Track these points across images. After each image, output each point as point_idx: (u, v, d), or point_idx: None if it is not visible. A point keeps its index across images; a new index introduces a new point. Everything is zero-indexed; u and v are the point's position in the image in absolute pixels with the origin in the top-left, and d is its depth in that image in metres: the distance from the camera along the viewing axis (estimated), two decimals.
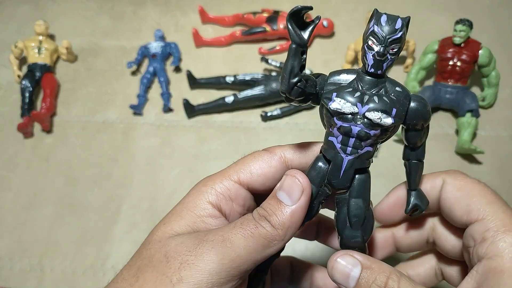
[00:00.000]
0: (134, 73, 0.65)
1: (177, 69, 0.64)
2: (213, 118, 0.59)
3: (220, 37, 0.66)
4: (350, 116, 0.20)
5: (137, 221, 0.50)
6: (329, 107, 0.21)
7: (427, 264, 0.27)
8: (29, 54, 0.63)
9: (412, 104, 0.21)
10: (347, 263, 0.21)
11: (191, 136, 0.57)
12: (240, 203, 0.23)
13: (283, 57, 0.63)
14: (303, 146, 0.24)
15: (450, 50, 0.52)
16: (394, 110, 0.20)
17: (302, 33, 0.19)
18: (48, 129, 0.59)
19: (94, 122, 0.60)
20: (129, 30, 0.70)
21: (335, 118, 0.21)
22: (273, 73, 0.59)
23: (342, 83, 0.21)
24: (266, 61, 0.60)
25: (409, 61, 0.58)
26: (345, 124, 0.20)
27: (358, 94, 0.20)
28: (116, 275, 0.22)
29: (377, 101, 0.20)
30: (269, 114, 0.57)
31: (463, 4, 0.66)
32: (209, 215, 0.22)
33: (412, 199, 0.23)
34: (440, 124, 0.54)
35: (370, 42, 0.20)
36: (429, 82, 0.55)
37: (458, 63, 0.51)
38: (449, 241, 0.24)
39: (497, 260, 0.19)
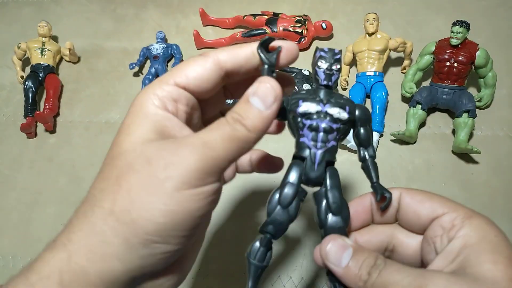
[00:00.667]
0: (136, 74, 0.66)
1: None
2: None
3: (221, 38, 0.66)
4: (315, 115, 0.25)
5: None
6: (298, 111, 0.26)
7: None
8: (32, 55, 0.64)
9: (357, 108, 0.27)
10: (339, 245, 0.24)
11: None
12: (183, 102, 0.24)
13: None
14: (236, 47, 0.25)
15: (447, 51, 0.53)
16: (347, 108, 0.26)
17: (270, 56, 0.24)
18: (51, 129, 0.60)
19: (96, 123, 0.61)
20: (131, 32, 0.71)
21: (303, 119, 0.26)
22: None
23: (303, 94, 0.26)
24: None
25: (406, 62, 0.59)
26: (313, 122, 0.25)
27: (318, 98, 0.26)
28: (89, 191, 0.23)
29: (333, 101, 0.26)
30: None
31: (460, 5, 0.67)
32: (162, 118, 0.23)
33: (378, 189, 0.26)
34: (437, 124, 0.55)
35: (319, 64, 0.26)
36: (426, 83, 0.56)
37: (455, 64, 0.52)
38: (410, 246, 0.26)
39: (468, 238, 0.22)
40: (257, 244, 0.26)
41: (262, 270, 0.26)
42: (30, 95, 0.61)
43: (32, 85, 0.62)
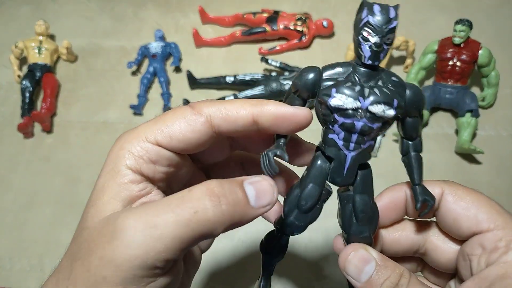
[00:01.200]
0: (134, 73, 0.65)
1: (177, 69, 0.64)
2: None
3: (220, 37, 0.66)
4: (351, 111, 0.20)
5: None
6: (330, 104, 0.20)
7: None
8: (30, 54, 0.64)
9: (408, 93, 0.21)
10: (362, 257, 0.21)
11: None
12: (163, 163, 0.21)
13: (283, 57, 0.64)
14: (232, 107, 0.21)
15: (450, 50, 0.52)
16: (396, 101, 0.20)
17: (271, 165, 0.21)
18: (48, 129, 0.60)
19: (94, 122, 0.60)
20: (130, 31, 0.71)
21: (335, 115, 0.20)
22: (273, 73, 0.59)
23: (338, 78, 0.20)
24: (266, 61, 0.60)
25: (409, 61, 0.58)
26: (348, 120, 0.20)
27: (358, 88, 0.20)
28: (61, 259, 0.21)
29: (378, 94, 0.20)
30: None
31: (463, 4, 0.66)
32: (131, 181, 0.20)
33: (419, 194, 0.22)
34: (440, 124, 0.54)
35: (365, 33, 0.20)
36: (429, 82, 0.55)
37: (458, 63, 0.51)
38: (445, 253, 0.23)
39: (507, 267, 0.19)
40: (272, 238, 0.23)
41: (275, 263, 0.24)
42: (27, 94, 0.61)
43: (29, 85, 0.61)
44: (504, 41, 0.61)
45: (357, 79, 0.20)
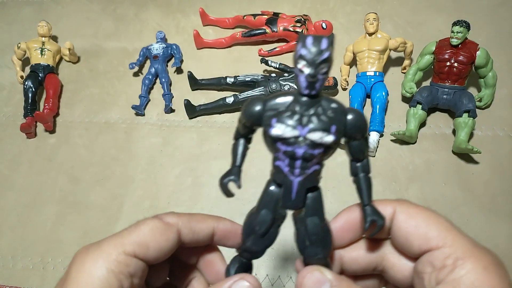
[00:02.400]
0: (136, 74, 0.66)
1: (179, 70, 0.65)
2: (214, 119, 0.59)
3: (221, 38, 0.66)
4: (292, 139, 0.21)
5: (139, 219, 0.51)
6: (271, 134, 0.21)
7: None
8: (32, 55, 0.64)
9: (349, 118, 0.21)
10: (316, 279, 0.21)
11: (192, 136, 0.58)
12: (139, 275, 0.21)
13: (282, 58, 0.64)
14: (197, 220, 0.24)
15: (448, 51, 0.52)
16: (334, 127, 0.21)
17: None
18: (51, 129, 0.60)
19: (96, 122, 0.61)
20: (131, 32, 0.71)
21: (278, 143, 0.21)
22: (273, 74, 0.59)
23: (280, 108, 0.21)
24: (266, 62, 0.61)
25: (406, 62, 0.59)
26: (289, 148, 0.21)
27: (297, 117, 0.21)
28: None
29: (316, 122, 0.21)
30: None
31: (460, 5, 0.67)
32: None
33: (368, 215, 0.22)
34: (437, 124, 0.55)
35: (300, 66, 0.20)
36: (427, 83, 0.56)
37: (455, 64, 0.52)
38: (401, 271, 0.23)
39: (455, 285, 0.19)
40: (234, 264, 0.25)
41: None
42: (30, 95, 0.61)
43: (31, 85, 0.61)
44: (501, 42, 0.62)
45: (297, 108, 0.21)
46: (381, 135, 0.54)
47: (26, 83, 0.62)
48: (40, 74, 0.63)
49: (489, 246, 0.48)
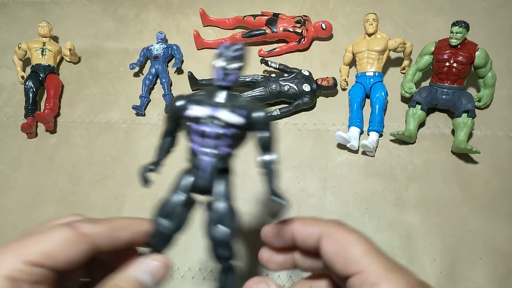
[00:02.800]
0: (136, 74, 0.66)
1: (179, 71, 0.65)
2: None
3: (221, 39, 0.67)
4: (204, 119, 0.23)
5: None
6: (186, 115, 0.24)
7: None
8: (33, 56, 0.65)
9: (255, 113, 0.24)
10: None
11: None
12: (46, 282, 0.20)
13: (282, 59, 0.65)
14: (119, 230, 0.23)
15: (447, 51, 0.53)
16: (242, 111, 0.23)
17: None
18: (51, 129, 0.60)
19: (97, 123, 0.61)
20: (132, 32, 0.72)
21: (192, 124, 0.24)
22: (273, 75, 0.60)
23: (197, 98, 0.24)
24: (266, 62, 0.61)
25: (406, 62, 0.59)
26: (201, 127, 0.23)
27: (209, 100, 0.24)
28: None
29: (229, 105, 0.24)
30: (268, 114, 0.57)
31: (459, 6, 0.67)
32: None
33: (270, 198, 0.24)
34: (437, 124, 0.55)
35: (215, 61, 0.24)
36: (426, 84, 0.56)
37: (455, 65, 0.52)
38: None
39: None
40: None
41: None
42: (31, 95, 0.61)
43: (32, 85, 0.62)
44: (500, 42, 0.62)
45: (211, 95, 0.24)
46: (381, 135, 0.54)
47: (27, 83, 0.62)
48: (41, 74, 0.63)
49: (489, 246, 0.48)
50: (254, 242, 0.45)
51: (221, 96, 0.24)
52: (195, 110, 0.23)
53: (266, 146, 0.25)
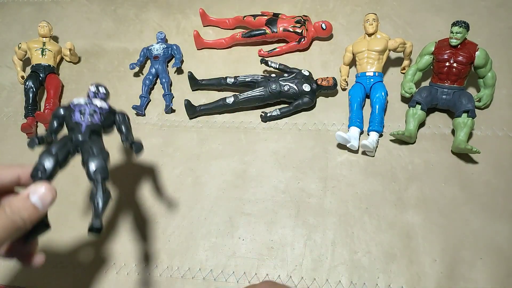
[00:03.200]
0: (136, 74, 0.66)
1: (179, 71, 0.65)
2: (214, 119, 0.60)
3: (221, 39, 0.67)
4: (84, 105, 0.39)
5: (140, 219, 0.51)
6: (72, 103, 0.40)
7: None
8: (33, 56, 0.65)
9: (118, 114, 0.41)
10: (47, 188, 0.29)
11: (193, 136, 0.58)
12: None
13: (282, 59, 0.65)
14: (4, 169, 0.30)
15: (447, 51, 0.53)
16: (106, 105, 0.40)
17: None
18: None
19: None
20: (132, 32, 0.72)
21: (75, 108, 0.39)
22: (273, 75, 0.60)
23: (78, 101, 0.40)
24: (266, 63, 0.61)
25: (406, 62, 0.59)
26: (82, 107, 0.39)
27: (88, 99, 0.40)
28: None
29: (98, 100, 0.40)
30: (268, 114, 0.58)
31: (460, 6, 0.67)
32: None
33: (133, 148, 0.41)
34: (437, 124, 0.55)
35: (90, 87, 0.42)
36: (426, 84, 0.56)
37: (455, 65, 0.52)
38: None
39: None
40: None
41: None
42: (31, 95, 0.61)
43: (32, 85, 0.62)
44: (500, 42, 0.62)
45: (85, 98, 0.40)
46: (381, 135, 0.54)
47: (27, 83, 0.62)
48: (40, 74, 0.63)
49: (489, 246, 0.48)
50: None
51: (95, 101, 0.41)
52: (78, 100, 0.40)
53: (122, 126, 0.42)
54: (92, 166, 0.36)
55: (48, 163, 0.34)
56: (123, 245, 0.49)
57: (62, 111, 0.39)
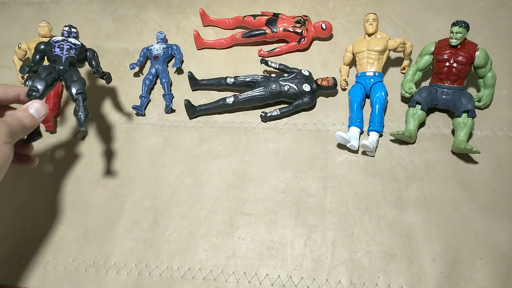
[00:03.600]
0: (136, 74, 0.66)
1: (179, 71, 0.65)
2: (214, 118, 0.60)
3: (221, 39, 0.67)
4: (61, 42, 0.49)
5: (139, 219, 0.51)
6: (52, 40, 0.50)
7: None
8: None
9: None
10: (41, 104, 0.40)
11: (193, 136, 0.58)
12: None
13: (282, 59, 0.65)
14: (10, 87, 0.41)
15: (447, 51, 0.53)
16: (78, 41, 0.51)
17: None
18: (51, 130, 0.60)
19: (97, 123, 0.61)
20: (132, 32, 0.72)
21: (55, 46, 0.49)
22: (273, 75, 0.60)
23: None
24: (266, 63, 0.61)
25: (406, 62, 0.59)
26: (62, 43, 0.49)
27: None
28: None
29: (68, 40, 0.50)
30: (268, 114, 0.58)
31: (459, 6, 0.67)
32: None
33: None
34: (437, 124, 0.55)
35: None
36: (426, 84, 0.56)
37: (455, 65, 0.52)
38: None
39: None
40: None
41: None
42: None
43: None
44: (500, 42, 0.62)
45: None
46: (381, 135, 0.54)
47: (27, 83, 0.62)
48: None
49: (489, 246, 0.48)
50: None
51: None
52: (57, 38, 0.49)
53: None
54: (74, 89, 0.46)
55: (40, 85, 0.43)
56: (123, 245, 0.49)
57: (42, 46, 0.49)
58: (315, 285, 0.44)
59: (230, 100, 0.58)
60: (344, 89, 0.60)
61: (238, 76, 0.61)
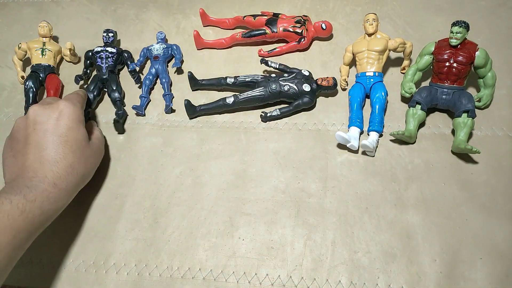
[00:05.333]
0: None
1: (179, 71, 0.65)
2: (214, 119, 0.60)
3: (221, 39, 0.67)
4: (101, 52, 0.62)
5: (139, 219, 0.51)
6: (94, 50, 0.63)
7: None
8: (33, 56, 0.65)
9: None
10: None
11: (193, 136, 0.58)
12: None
13: (282, 59, 0.65)
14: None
15: (447, 51, 0.53)
16: (114, 49, 0.63)
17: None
18: None
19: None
20: (132, 32, 0.72)
21: (96, 55, 0.62)
22: (273, 75, 0.60)
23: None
24: (266, 63, 0.61)
25: (406, 62, 0.59)
26: (102, 53, 0.62)
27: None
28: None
29: (106, 49, 0.63)
30: (268, 114, 0.58)
31: (459, 5, 0.67)
32: None
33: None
34: (436, 124, 0.55)
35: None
36: (426, 84, 0.56)
37: (455, 65, 0.52)
38: None
39: None
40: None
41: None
42: (31, 95, 0.61)
43: (32, 85, 0.62)
44: (500, 42, 0.62)
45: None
46: (381, 135, 0.54)
47: (27, 83, 0.62)
48: (41, 74, 0.63)
49: (489, 246, 0.48)
50: None
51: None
52: (96, 49, 0.61)
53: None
54: (114, 96, 0.60)
55: (90, 96, 0.59)
56: (123, 245, 0.49)
57: (89, 53, 0.63)
58: (315, 285, 0.44)
59: (230, 100, 0.58)
60: (344, 89, 0.60)
61: (238, 76, 0.61)
